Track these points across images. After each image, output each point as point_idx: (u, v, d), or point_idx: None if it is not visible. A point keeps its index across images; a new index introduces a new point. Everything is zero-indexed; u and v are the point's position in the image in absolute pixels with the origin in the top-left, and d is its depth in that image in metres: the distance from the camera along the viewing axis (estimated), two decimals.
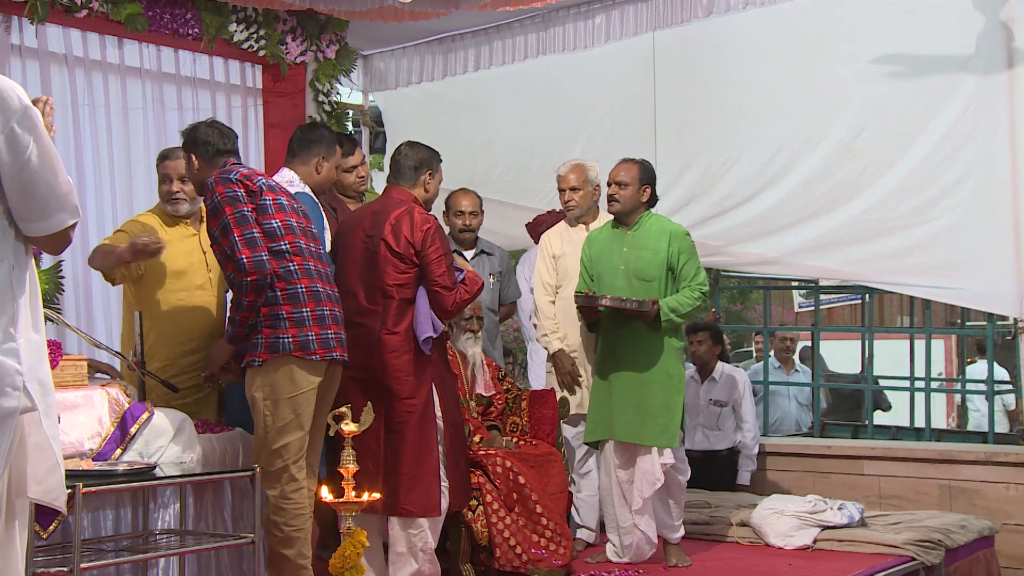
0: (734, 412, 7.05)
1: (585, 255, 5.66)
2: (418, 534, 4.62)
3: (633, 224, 5.52)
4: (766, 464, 7.11)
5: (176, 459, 4.02)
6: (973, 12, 6.02)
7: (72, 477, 3.45)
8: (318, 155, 4.84)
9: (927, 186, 6.18)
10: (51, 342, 3.83)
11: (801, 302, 13.72)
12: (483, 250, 6.30)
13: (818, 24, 6.47)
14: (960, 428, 10.72)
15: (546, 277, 5.97)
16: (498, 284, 6.28)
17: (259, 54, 6.91)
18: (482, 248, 6.30)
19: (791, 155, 6.55)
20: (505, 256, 6.46)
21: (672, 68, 6.90)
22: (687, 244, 5.45)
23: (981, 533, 6.05)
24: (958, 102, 6.08)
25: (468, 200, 6.23)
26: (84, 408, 3.85)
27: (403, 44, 7.91)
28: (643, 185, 5.50)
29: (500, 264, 6.33)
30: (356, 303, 4.64)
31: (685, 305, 5.35)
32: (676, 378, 5.41)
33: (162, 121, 6.58)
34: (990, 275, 6.05)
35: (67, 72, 6.11)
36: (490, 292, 6.21)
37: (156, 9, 6.32)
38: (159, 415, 4.07)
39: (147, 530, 3.93)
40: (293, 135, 4.94)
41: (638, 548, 5.46)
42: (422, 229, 4.64)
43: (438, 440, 4.69)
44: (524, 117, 7.58)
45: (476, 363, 5.52)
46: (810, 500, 6.06)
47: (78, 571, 3.33)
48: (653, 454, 5.35)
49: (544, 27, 7.35)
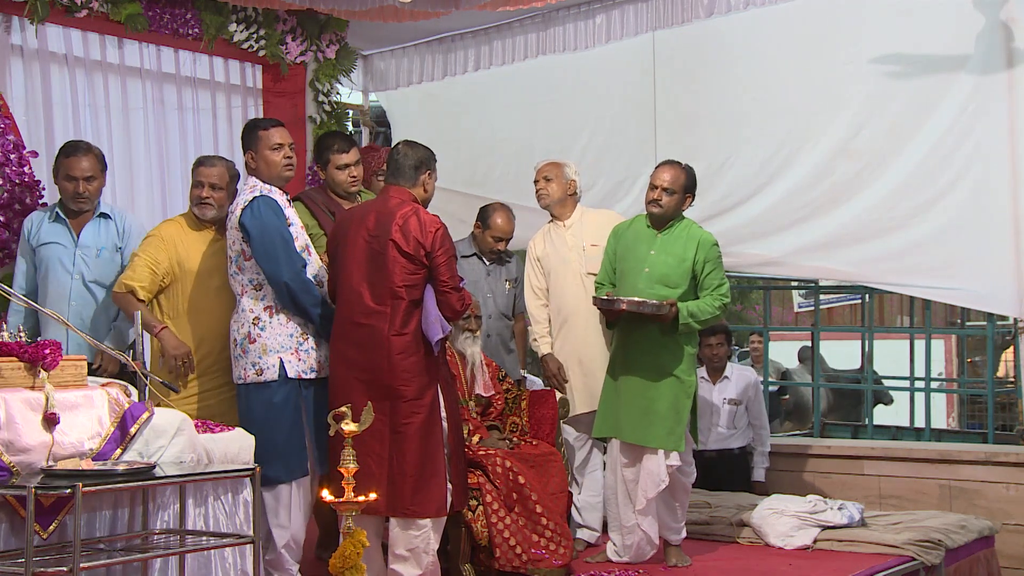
0: (747, 411, 7.06)
1: (610, 247, 5.66)
2: (420, 535, 4.62)
3: (665, 228, 5.51)
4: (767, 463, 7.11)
5: (176, 459, 4.02)
6: (973, 12, 6.01)
7: (72, 477, 3.46)
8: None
9: (926, 186, 6.18)
10: (51, 342, 3.84)
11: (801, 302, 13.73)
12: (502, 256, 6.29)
13: (818, 24, 6.46)
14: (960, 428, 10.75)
15: (534, 281, 6.00)
16: (513, 291, 6.24)
17: (259, 54, 6.92)
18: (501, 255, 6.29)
19: (790, 155, 6.55)
20: (521, 266, 6.43)
21: (672, 68, 6.90)
22: (714, 254, 5.44)
23: (981, 533, 6.05)
24: (957, 102, 6.08)
25: (508, 225, 6.11)
26: (84, 408, 3.85)
27: (403, 44, 7.90)
28: (687, 193, 5.50)
29: (516, 271, 6.30)
30: (361, 304, 4.63)
31: (704, 312, 5.34)
32: (687, 383, 5.39)
33: (162, 121, 6.59)
34: (989, 275, 6.05)
35: (67, 72, 6.11)
36: (505, 297, 6.18)
37: (156, 9, 6.33)
38: (159, 415, 4.07)
39: (147, 530, 3.93)
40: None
41: (639, 548, 5.46)
42: (432, 231, 4.64)
43: (443, 441, 4.69)
44: (524, 117, 7.57)
45: (475, 363, 5.53)
46: (810, 500, 6.06)
47: (78, 571, 3.32)
48: (659, 455, 5.35)
49: (544, 27, 7.35)
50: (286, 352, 4.71)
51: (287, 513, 4.72)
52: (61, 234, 5.18)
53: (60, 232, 5.18)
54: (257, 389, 4.70)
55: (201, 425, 4.35)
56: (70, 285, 5.13)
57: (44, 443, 3.67)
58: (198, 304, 4.97)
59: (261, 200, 4.70)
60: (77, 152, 5.14)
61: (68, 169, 5.13)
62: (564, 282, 5.88)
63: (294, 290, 4.68)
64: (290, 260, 4.69)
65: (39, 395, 3.71)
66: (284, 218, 4.74)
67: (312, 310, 4.74)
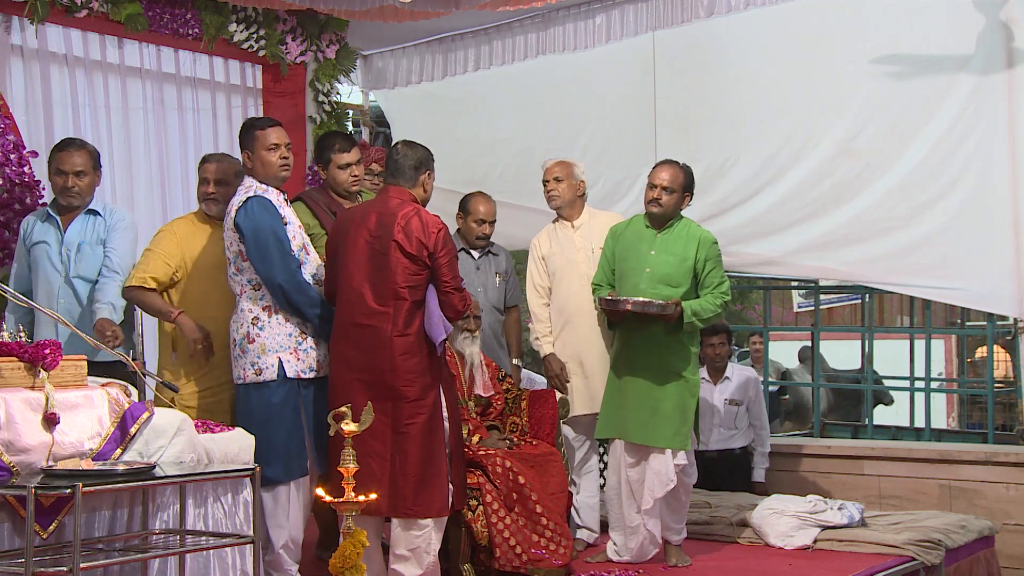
0: (748, 411, 7.06)
1: (608, 248, 5.65)
2: (421, 535, 4.61)
3: (664, 227, 5.52)
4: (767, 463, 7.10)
5: (176, 459, 4.01)
6: (973, 12, 6.01)
7: (72, 477, 3.46)
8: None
9: (927, 186, 6.18)
10: (51, 342, 3.84)
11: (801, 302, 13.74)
12: (490, 250, 6.30)
13: (818, 24, 6.47)
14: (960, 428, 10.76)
15: (537, 279, 5.98)
16: (504, 284, 6.27)
17: (259, 54, 6.92)
18: (489, 248, 6.30)
19: (791, 155, 6.55)
20: (509, 257, 6.45)
21: (672, 68, 6.90)
22: (714, 252, 5.45)
23: (981, 533, 6.05)
24: (957, 102, 6.08)
25: (488, 208, 6.17)
26: (84, 408, 3.85)
27: (403, 44, 7.90)
28: (685, 192, 5.50)
29: (506, 264, 6.33)
30: (363, 304, 4.63)
31: (707, 311, 5.35)
32: (691, 383, 5.40)
33: (162, 121, 6.60)
34: (989, 275, 6.05)
35: (67, 72, 6.12)
36: (496, 291, 6.21)
37: (156, 9, 6.33)
38: (159, 415, 4.07)
39: (146, 530, 3.93)
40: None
41: (642, 548, 5.46)
42: (434, 231, 4.63)
43: (445, 441, 4.69)
44: (524, 117, 7.57)
45: (474, 363, 5.52)
46: (810, 500, 6.06)
47: (78, 571, 3.32)
48: (667, 455, 5.35)
49: (544, 27, 7.35)
50: (285, 352, 4.71)
51: (286, 513, 4.71)
52: (49, 233, 5.18)
53: (48, 231, 5.18)
54: (256, 389, 4.70)
55: (201, 425, 4.35)
56: (58, 283, 5.11)
57: (44, 443, 3.67)
58: (207, 298, 4.98)
59: (255, 200, 4.69)
60: (70, 147, 5.15)
61: (59, 163, 5.13)
62: (569, 283, 5.86)
63: (288, 291, 4.67)
64: (284, 261, 4.68)
65: (39, 395, 3.71)
66: (279, 218, 4.73)
67: (308, 311, 4.73)
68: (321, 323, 4.76)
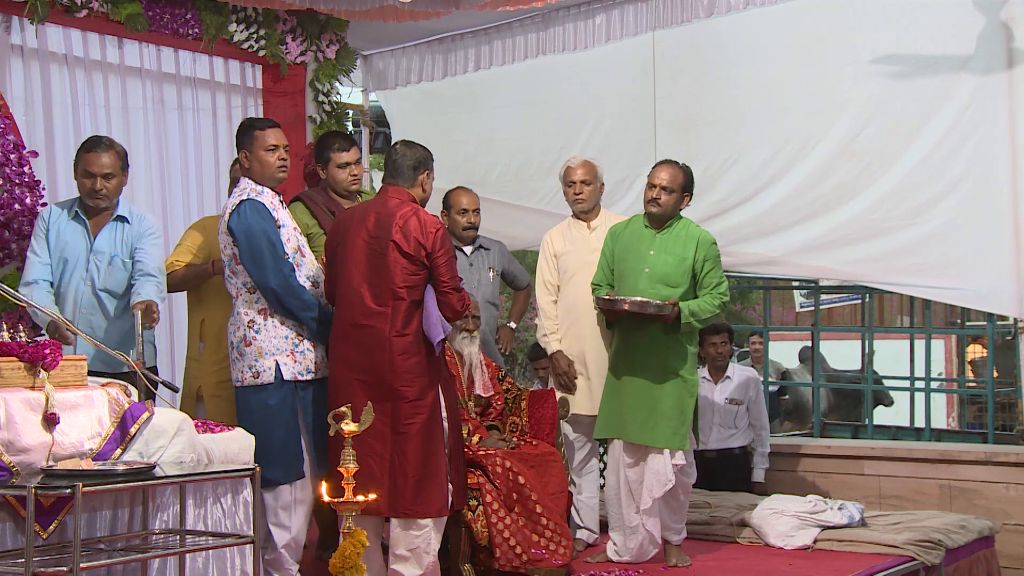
0: (748, 411, 7.06)
1: (607, 248, 5.64)
2: (421, 535, 4.62)
3: (664, 227, 5.51)
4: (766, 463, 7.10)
5: (176, 459, 4.02)
6: (973, 12, 6.01)
7: (72, 477, 3.46)
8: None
9: (927, 186, 6.18)
10: (51, 342, 3.84)
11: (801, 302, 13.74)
12: (481, 245, 6.31)
13: (818, 24, 6.47)
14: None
15: (547, 276, 5.96)
16: (497, 278, 6.29)
17: (259, 54, 6.91)
18: (480, 243, 6.31)
19: (791, 155, 6.55)
20: (504, 249, 6.46)
21: (672, 68, 6.90)
22: (713, 252, 5.45)
23: (981, 533, 6.05)
24: (958, 102, 6.08)
25: (469, 198, 6.23)
26: (84, 408, 3.85)
27: (403, 44, 7.90)
28: (685, 192, 5.50)
29: (499, 257, 6.34)
30: (362, 304, 4.63)
31: (705, 311, 5.36)
32: (690, 382, 5.41)
33: (162, 121, 6.59)
34: (990, 275, 6.05)
35: (67, 72, 6.11)
36: (489, 286, 6.22)
37: (156, 9, 6.32)
38: (159, 415, 4.07)
39: (147, 530, 3.93)
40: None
41: (642, 548, 5.46)
42: (432, 231, 4.63)
43: (444, 441, 4.69)
44: (524, 117, 7.57)
45: (473, 363, 5.52)
46: (810, 500, 6.06)
47: (78, 571, 3.32)
48: (665, 455, 5.35)
49: (544, 27, 7.35)
50: (282, 354, 4.71)
51: (287, 513, 4.72)
52: (78, 234, 5.02)
53: (77, 232, 5.02)
54: (254, 391, 4.71)
55: (201, 425, 4.36)
56: (82, 291, 4.98)
57: (44, 443, 3.67)
58: (224, 292, 4.98)
59: (248, 204, 4.68)
60: (97, 148, 4.99)
61: (87, 165, 4.98)
62: (581, 283, 5.82)
63: (281, 295, 4.67)
64: (277, 265, 4.67)
65: (39, 395, 3.71)
66: (272, 221, 4.71)
67: (302, 314, 4.72)
68: (317, 326, 4.76)
